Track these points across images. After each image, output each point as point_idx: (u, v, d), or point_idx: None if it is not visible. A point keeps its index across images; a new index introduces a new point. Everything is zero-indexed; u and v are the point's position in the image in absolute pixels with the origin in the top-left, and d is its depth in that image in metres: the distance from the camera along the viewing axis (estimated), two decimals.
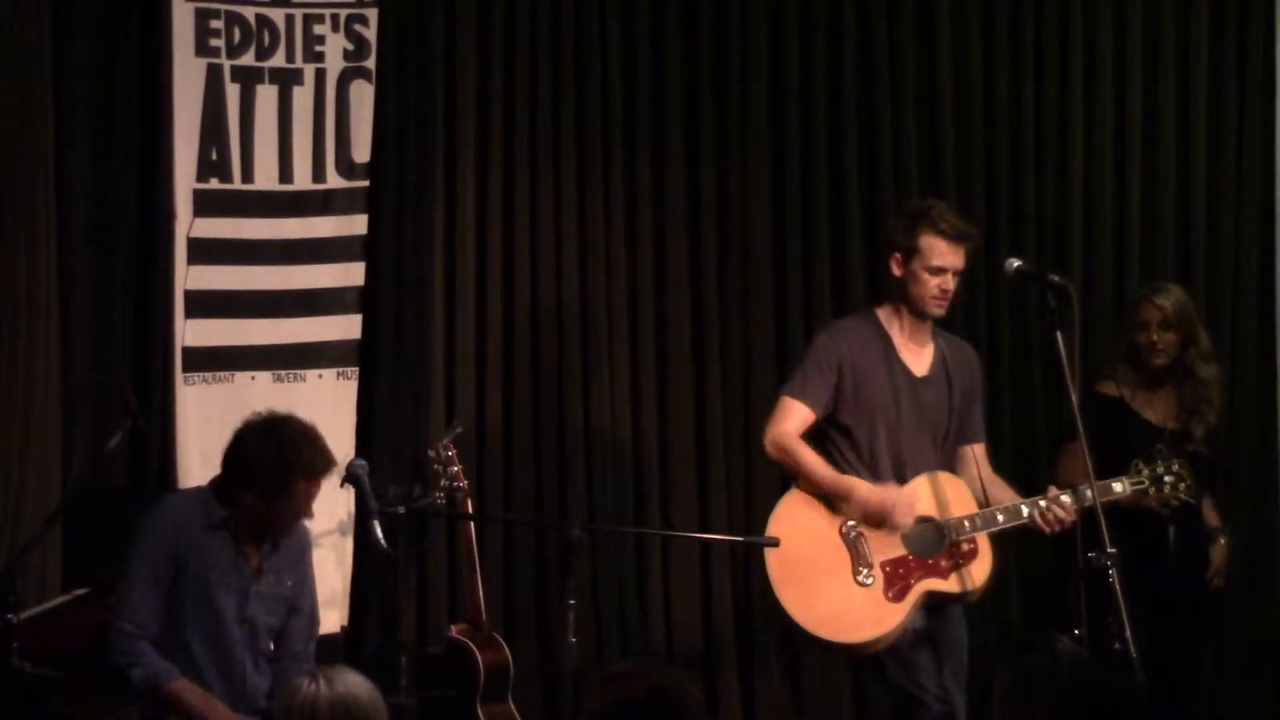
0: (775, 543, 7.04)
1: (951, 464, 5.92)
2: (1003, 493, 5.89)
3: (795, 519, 5.79)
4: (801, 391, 5.82)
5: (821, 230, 7.47)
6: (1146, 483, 5.92)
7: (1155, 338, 6.57)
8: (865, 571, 5.71)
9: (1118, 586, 5.31)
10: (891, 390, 5.82)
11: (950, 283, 5.80)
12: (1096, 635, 5.30)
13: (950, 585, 5.75)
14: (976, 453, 5.98)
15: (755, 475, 7.42)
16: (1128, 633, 5.25)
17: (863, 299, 7.42)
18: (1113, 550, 5.41)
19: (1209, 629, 6.85)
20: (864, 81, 7.48)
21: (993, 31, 7.55)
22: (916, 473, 5.80)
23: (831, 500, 5.76)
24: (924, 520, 5.75)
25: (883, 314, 5.92)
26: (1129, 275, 7.48)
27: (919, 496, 5.76)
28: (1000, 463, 6.27)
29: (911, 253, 5.79)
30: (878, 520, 5.71)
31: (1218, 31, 7.57)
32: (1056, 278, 5.69)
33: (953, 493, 5.81)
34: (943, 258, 5.77)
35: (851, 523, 5.74)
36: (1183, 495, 6.04)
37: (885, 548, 5.74)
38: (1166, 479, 5.94)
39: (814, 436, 5.88)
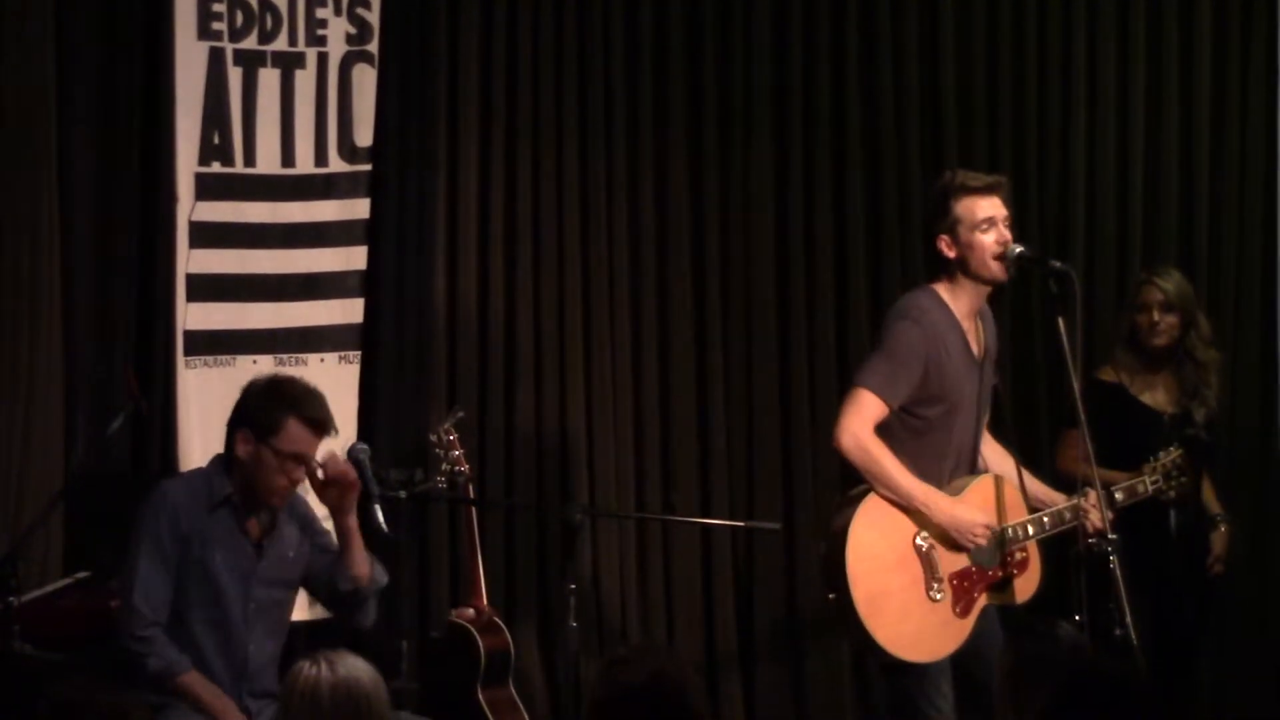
0: (777, 527, 7.08)
1: None
2: (1008, 466, 5.73)
3: (873, 531, 5.51)
4: (885, 389, 5.50)
5: (824, 219, 7.47)
6: (1161, 479, 5.90)
7: (1157, 319, 6.58)
8: (936, 586, 5.52)
9: (1118, 573, 5.30)
10: (965, 381, 5.61)
11: (1005, 233, 5.56)
12: (1097, 621, 5.29)
13: (1005, 597, 5.61)
14: (984, 419, 5.81)
15: (757, 460, 7.43)
16: (1128, 619, 5.25)
17: (865, 285, 7.44)
18: (1113, 536, 5.41)
19: (1210, 615, 6.85)
20: (866, 65, 7.49)
21: (996, 16, 7.55)
22: (966, 463, 5.65)
23: (904, 507, 5.54)
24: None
25: (944, 293, 5.64)
26: (1131, 261, 7.48)
27: (980, 505, 5.59)
28: None
29: (955, 225, 5.57)
30: (954, 538, 5.54)
31: (1221, 15, 7.57)
32: (1058, 263, 5.63)
33: (1007, 498, 5.64)
34: (984, 210, 5.55)
35: (924, 533, 5.53)
36: (1184, 485, 6.04)
37: (952, 560, 5.55)
38: (1173, 472, 5.93)
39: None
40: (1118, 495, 5.76)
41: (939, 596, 5.53)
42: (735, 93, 7.42)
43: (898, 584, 5.51)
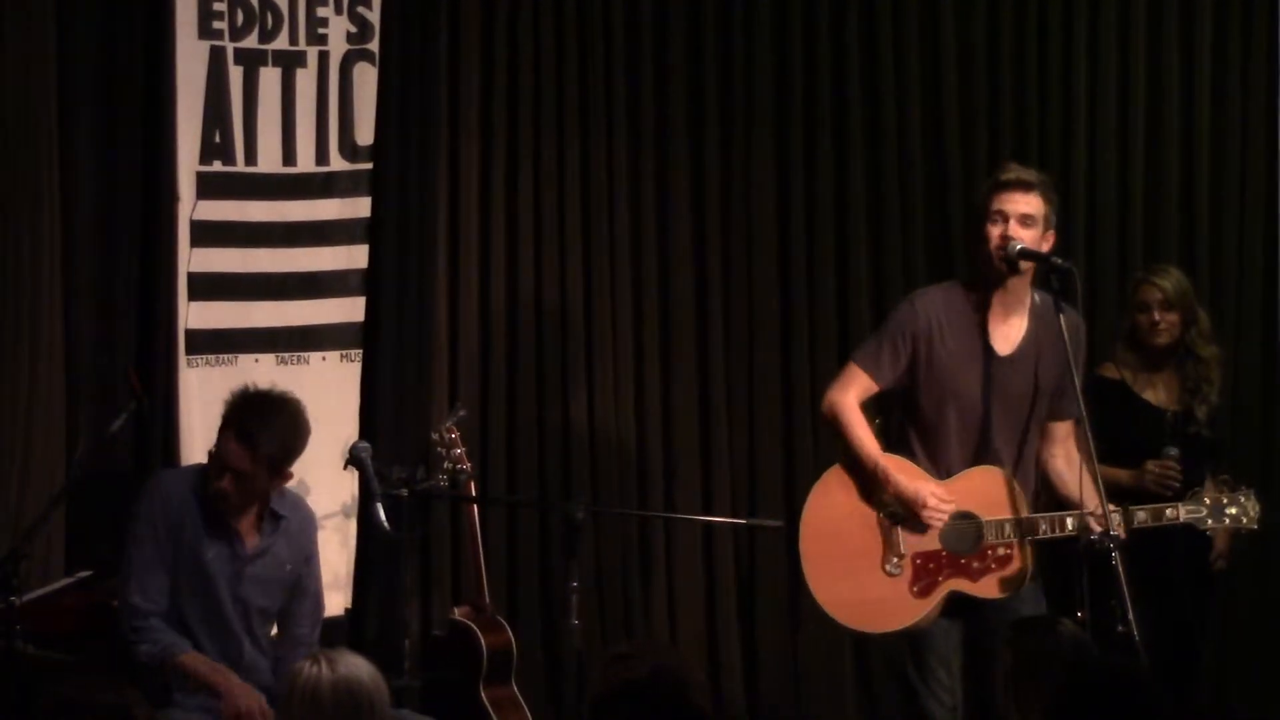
0: (779, 525, 7.07)
1: (1035, 445, 5.68)
2: (1075, 479, 5.61)
3: (834, 494, 5.58)
4: (870, 361, 5.59)
5: (825, 217, 7.47)
6: (1205, 511, 5.75)
7: (1157, 317, 6.56)
8: (895, 561, 5.52)
9: (1121, 570, 5.29)
10: (969, 370, 5.57)
11: (1015, 229, 5.51)
12: (1099, 619, 5.27)
13: (978, 589, 5.55)
14: (1059, 431, 5.72)
15: (759, 457, 7.43)
16: (1130, 616, 5.23)
17: (866, 282, 7.44)
18: (1115, 533, 5.40)
19: (1212, 612, 6.85)
20: (867, 64, 7.49)
21: (997, 14, 7.54)
22: (985, 461, 5.59)
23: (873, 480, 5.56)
24: (965, 516, 5.55)
25: (970, 285, 5.67)
26: (1132, 257, 7.48)
27: (965, 492, 5.56)
28: None
29: (978, 214, 5.61)
30: (910, 514, 5.53)
31: (1222, 13, 7.57)
32: (1060, 260, 5.60)
33: (1003, 491, 5.58)
34: (1000, 203, 5.54)
35: (891, 509, 5.54)
36: (1245, 528, 5.84)
37: (920, 539, 5.53)
38: (1229, 511, 5.76)
39: (882, 408, 5.67)
40: (1139, 515, 5.65)
41: (896, 572, 5.54)
42: (736, 91, 7.42)
43: (848, 550, 5.54)
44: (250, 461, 5.33)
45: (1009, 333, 5.64)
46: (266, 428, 5.34)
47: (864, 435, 5.58)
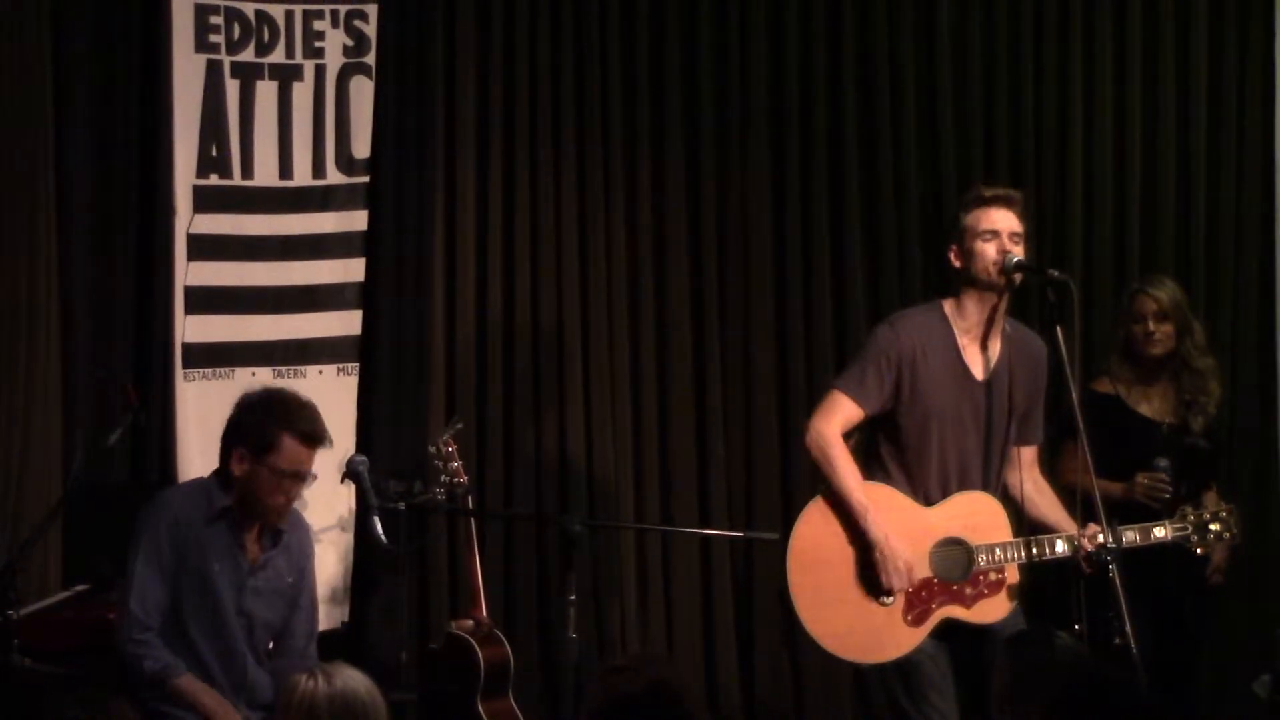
0: (775, 538, 7.06)
1: (1002, 469, 5.67)
2: (1046, 503, 5.67)
3: (822, 524, 5.52)
4: (854, 388, 5.54)
5: (821, 228, 7.47)
6: (1190, 529, 5.75)
7: (1152, 328, 6.56)
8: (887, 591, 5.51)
9: (1118, 582, 5.28)
10: (950, 394, 5.56)
11: (1009, 244, 5.53)
12: (1096, 631, 5.27)
13: (971, 615, 5.54)
14: (1025, 456, 5.72)
15: (756, 471, 7.43)
16: (1128, 628, 5.23)
17: (862, 294, 7.44)
18: (1113, 546, 5.40)
19: (1209, 625, 6.84)
20: (863, 79, 7.49)
21: (992, 25, 7.55)
22: (964, 484, 5.58)
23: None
24: (955, 543, 5.53)
25: (949, 307, 5.63)
26: (1129, 270, 7.48)
27: (953, 518, 5.54)
28: None
29: (963, 234, 5.57)
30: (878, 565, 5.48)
31: (1217, 24, 7.57)
32: (1056, 273, 5.60)
33: (989, 517, 5.57)
34: (990, 221, 5.54)
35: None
36: (1227, 543, 5.92)
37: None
38: (1212, 527, 5.77)
39: (862, 429, 5.63)
40: (1128, 535, 5.63)
41: (889, 601, 5.50)
42: (732, 108, 7.41)
43: (838, 581, 5.49)
44: (313, 459, 5.34)
45: (986, 356, 5.65)
46: (319, 420, 5.35)
47: (849, 472, 5.52)
